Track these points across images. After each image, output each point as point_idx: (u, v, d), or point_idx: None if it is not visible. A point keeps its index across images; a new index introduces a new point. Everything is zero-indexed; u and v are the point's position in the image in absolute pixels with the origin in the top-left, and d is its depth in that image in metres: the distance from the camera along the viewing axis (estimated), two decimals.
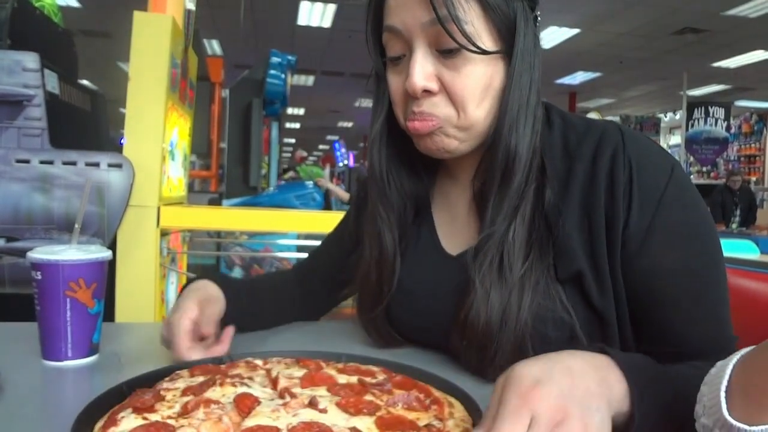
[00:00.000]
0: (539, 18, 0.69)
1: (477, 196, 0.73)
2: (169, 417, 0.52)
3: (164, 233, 2.05)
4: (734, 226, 6.56)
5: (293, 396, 0.54)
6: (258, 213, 2.33)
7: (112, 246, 1.78)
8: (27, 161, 1.74)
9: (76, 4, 7.17)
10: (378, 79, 0.75)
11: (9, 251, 1.70)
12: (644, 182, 0.64)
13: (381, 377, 0.61)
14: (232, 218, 2.19)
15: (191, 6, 2.17)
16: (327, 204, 4.74)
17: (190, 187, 4.14)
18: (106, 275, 0.77)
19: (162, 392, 0.57)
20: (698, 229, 0.65)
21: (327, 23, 7.80)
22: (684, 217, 0.64)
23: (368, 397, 0.55)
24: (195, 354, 0.69)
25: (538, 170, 0.68)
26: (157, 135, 1.89)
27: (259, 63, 4.87)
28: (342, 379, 0.60)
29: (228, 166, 4.79)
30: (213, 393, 0.56)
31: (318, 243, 1.01)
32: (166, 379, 0.61)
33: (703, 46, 8.16)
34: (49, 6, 2.34)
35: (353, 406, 0.52)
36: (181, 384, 0.59)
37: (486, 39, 0.64)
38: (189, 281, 0.84)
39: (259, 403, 0.53)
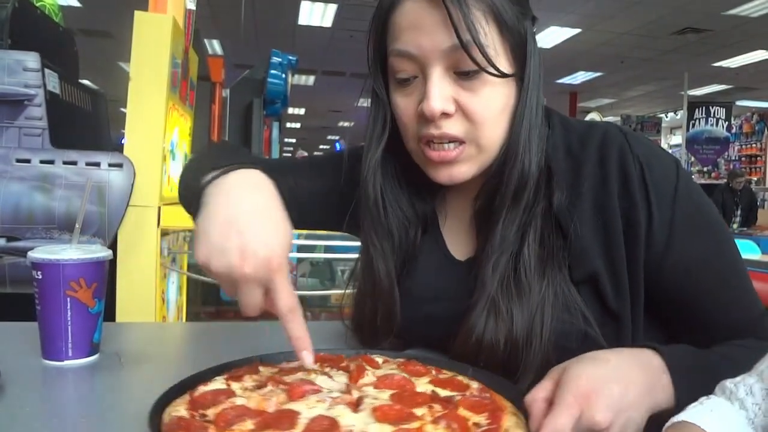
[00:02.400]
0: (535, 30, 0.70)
1: (479, 214, 0.72)
2: (245, 388, 0.57)
3: (165, 233, 2.05)
4: (735, 226, 6.56)
5: (349, 393, 0.56)
6: None
7: (113, 246, 1.78)
8: (27, 161, 1.74)
9: (76, 4, 7.17)
10: (377, 102, 0.72)
11: (10, 251, 1.70)
12: (656, 179, 0.65)
13: (473, 392, 0.58)
14: None
15: (192, 5, 2.17)
16: None
17: None
18: (106, 275, 0.77)
19: (261, 368, 0.62)
20: (710, 216, 0.68)
21: (328, 23, 7.80)
22: (697, 207, 0.66)
23: (421, 410, 0.53)
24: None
25: (546, 178, 0.68)
26: (157, 135, 1.89)
27: (259, 63, 4.87)
28: (423, 387, 0.59)
29: None
30: (292, 377, 0.59)
31: (318, 243, 1.00)
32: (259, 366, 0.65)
33: (704, 46, 8.16)
34: (50, 5, 2.34)
35: (389, 415, 0.51)
36: (293, 365, 0.63)
37: (503, 61, 0.64)
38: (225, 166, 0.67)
39: (317, 392, 0.56)
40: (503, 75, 0.64)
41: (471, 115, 0.65)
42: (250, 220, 0.58)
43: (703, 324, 0.67)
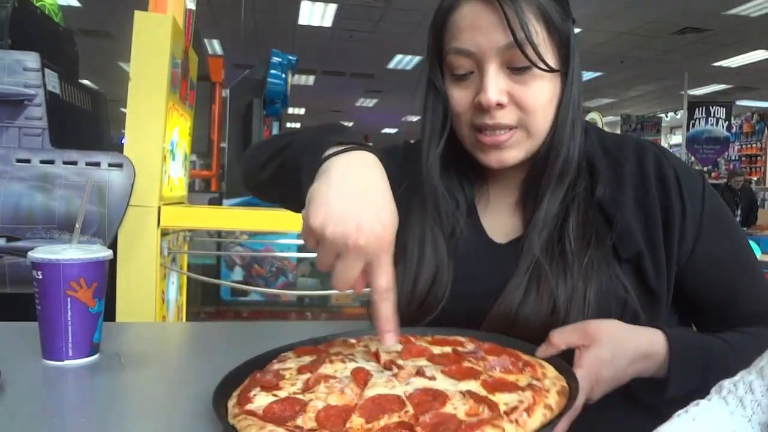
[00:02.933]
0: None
1: (523, 197, 0.79)
2: (295, 393, 0.56)
3: (165, 233, 2.06)
4: None
5: (400, 368, 0.58)
6: (258, 213, 2.33)
7: (113, 246, 1.78)
8: (28, 161, 1.74)
9: (76, 4, 7.17)
10: (435, 95, 0.78)
11: (10, 251, 1.70)
12: (687, 183, 0.75)
13: (470, 346, 0.65)
14: (233, 218, 2.19)
15: (192, 5, 2.17)
16: None
17: (191, 187, 4.14)
18: (106, 275, 0.77)
19: (281, 371, 0.61)
20: (730, 218, 0.79)
21: (328, 23, 7.80)
22: (720, 210, 0.77)
23: (467, 364, 0.58)
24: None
25: (587, 171, 0.76)
26: (157, 135, 1.89)
27: (259, 63, 4.87)
28: (436, 350, 0.64)
29: (228, 166, 4.79)
30: (326, 369, 0.60)
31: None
32: (275, 361, 0.65)
33: (704, 46, 8.16)
34: (50, 5, 2.34)
35: (457, 373, 0.56)
36: (292, 364, 0.63)
37: (550, 57, 0.71)
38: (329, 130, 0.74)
39: (371, 375, 0.57)
40: (552, 70, 0.71)
41: (523, 106, 0.72)
42: (372, 197, 0.61)
43: (722, 314, 0.76)
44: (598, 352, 0.60)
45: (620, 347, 0.62)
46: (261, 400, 0.55)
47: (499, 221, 0.82)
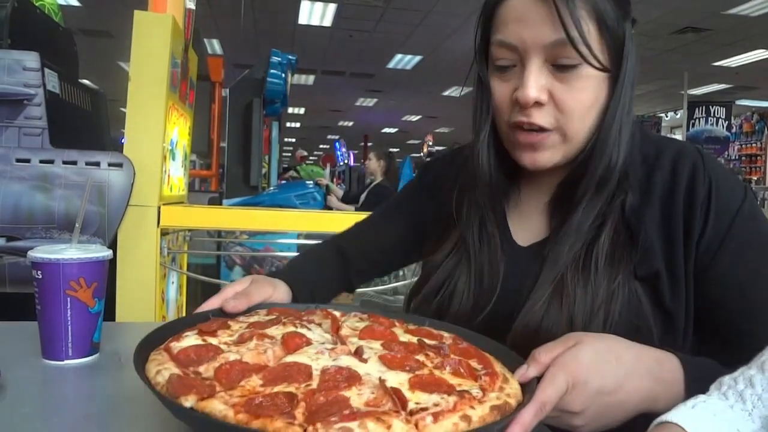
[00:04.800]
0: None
1: (555, 201, 0.76)
2: (225, 343, 0.57)
3: (164, 233, 2.06)
4: None
5: (344, 343, 0.57)
6: (258, 212, 2.33)
7: (113, 245, 1.78)
8: (27, 161, 1.74)
9: (76, 3, 7.17)
10: (481, 84, 0.76)
11: (9, 251, 1.70)
12: (722, 199, 0.68)
13: (447, 342, 0.62)
14: (233, 218, 2.19)
15: (191, 5, 2.17)
16: (327, 205, 4.74)
17: (191, 187, 4.14)
18: (106, 274, 0.77)
19: (231, 322, 0.63)
20: (765, 240, 0.70)
21: (327, 22, 7.80)
22: (756, 233, 0.69)
23: (419, 357, 0.55)
24: (238, 304, 0.69)
25: (622, 181, 0.72)
26: (157, 134, 1.89)
27: (259, 62, 4.86)
28: (403, 337, 0.62)
29: (228, 166, 4.79)
30: (272, 330, 0.60)
31: (319, 242, 1.01)
32: (250, 313, 0.68)
33: (704, 45, 8.16)
34: (50, 5, 2.34)
35: (397, 362, 0.53)
36: (253, 318, 0.65)
37: (600, 56, 0.67)
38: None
39: (308, 344, 0.57)
40: (603, 68, 0.67)
41: (561, 107, 0.68)
42: None
43: (735, 341, 0.69)
44: (576, 352, 0.54)
45: (608, 352, 0.55)
46: (188, 341, 0.57)
47: (526, 223, 0.80)
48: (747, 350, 0.65)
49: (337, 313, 0.69)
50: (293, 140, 21.54)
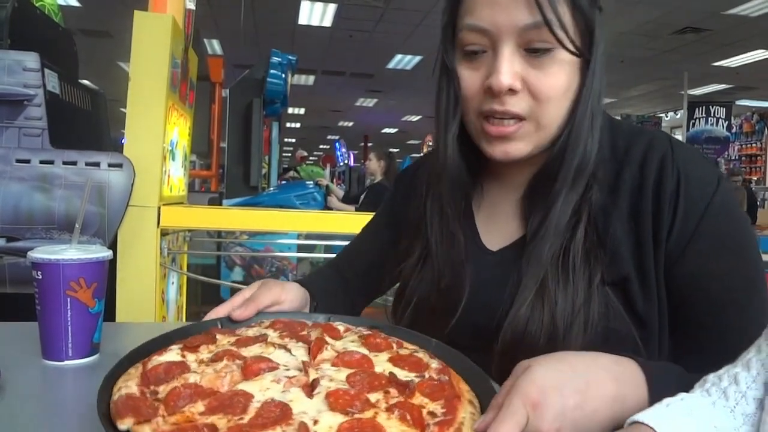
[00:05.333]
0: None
1: (528, 197, 0.73)
2: (200, 361, 0.57)
3: (164, 233, 2.06)
4: None
5: (306, 372, 0.55)
6: (258, 213, 2.33)
7: (113, 246, 1.78)
8: (27, 161, 1.74)
9: (76, 4, 7.17)
10: (447, 74, 0.72)
11: (9, 251, 1.70)
12: (691, 191, 0.65)
13: (432, 373, 0.57)
14: (233, 218, 2.19)
15: (191, 5, 2.17)
16: (327, 205, 4.75)
17: (191, 187, 4.14)
18: (106, 275, 0.77)
19: (219, 336, 0.63)
20: (741, 240, 0.66)
21: (327, 23, 7.80)
22: (727, 228, 0.65)
23: (377, 395, 0.51)
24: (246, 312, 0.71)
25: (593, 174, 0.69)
26: (157, 135, 1.89)
27: (259, 63, 4.87)
28: (380, 367, 0.58)
29: (228, 166, 4.79)
30: (248, 350, 0.60)
31: (318, 243, 1.02)
32: (252, 323, 0.68)
33: (704, 46, 8.16)
34: (50, 5, 2.34)
35: (343, 401, 0.49)
36: (249, 332, 0.65)
37: (575, 41, 0.66)
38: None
39: (272, 369, 0.55)
40: (578, 52, 0.65)
41: (536, 93, 0.66)
42: None
43: (703, 343, 0.65)
44: (529, 375, 0.48)
45: (561, 363, 0.50)
46: (169, 356, 0.58)
47: (495, 227, 0.77)
48: (715, 353, 0.61)
49: (341, 328, 0.67)
50: (293, 140, 21.54)
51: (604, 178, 0.69)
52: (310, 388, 0.52)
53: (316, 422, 0.46)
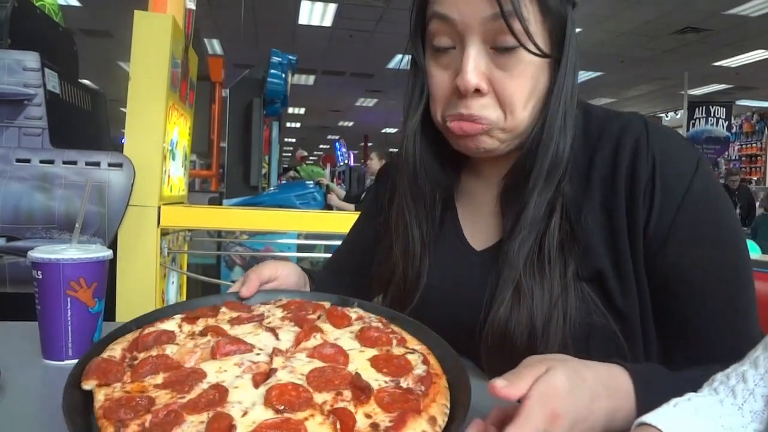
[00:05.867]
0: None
1: (504, 194, 0.72)
2: (191, 333, 0.60)
3: (165, 233, 2.05)
4: None
5: (273, 357, 0.55)
6: (258, 212, 2.33)
7: (113, 245, 1.78)
8: (27, 161, 1.74)
9: (76, 3, 7.17)
10: (416, 68, 0.72)
11: (10, 251, 1.70)
12: (667, 179, 0.63)
13: (410, 381, 0.53)
14: (233, 218, 2.19)
15: (192, 5, 2.17)
16: (327, 205, 4.75)
17: (191, 187, 4.14)
18: (106, 274, 0.77)
19: (225, 310, 0.66)
20: (723, 225, 0.63)
21: (328, 22, 7.80)
22: (708, 214, 0.63)
23: (326, 396, 0.49)
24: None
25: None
26: (157, 134, 1.89)
27: (259, 62, 4.87)
28: (355, 365, 0.55)
29: (228, 166, 4.79)
30: (241, 328, 0.62)
31: (318, 243, 1.02)
32: (271, 300, 0.70)
33: (704, 46, 8.16)
34: (50, 5, 2.34)
35: (283, 397, 0.48)
36: (261, 309, 0.67)
37: (540, 41, 0.64)
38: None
39: (246, 351, 0.56)
40: (543, 54, 0.63)
41: (502, 96, 0.65)
42: None
43: (690, 336, 0.64)
44: (552, 380, 0.47)
45: (577, 375, 0.49)
46: (168, 325, 0.62)
47: (478, 225, 0.77)
48: (703, 343, 0.62)
49: (354, 316, 0.67)
50: (293, 140, 21.53)
51: (577, 166, 0.67)
52: (264, 377, 0.52)
53: (244, 414, 0.46)
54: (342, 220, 2.14)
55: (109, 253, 0.76)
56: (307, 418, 0.46)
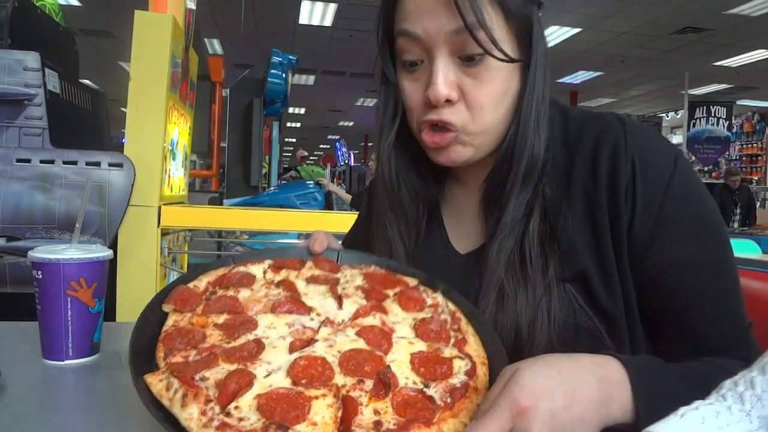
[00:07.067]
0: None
1: (486, 198, 0.72)
2: (270, 281, 0.64)
3: (165, 233, 2.06)
4: (735, 225, 6.55)
5: (315, 331, 0.57)
6: (259, 212, 2.33)
7: (113, 245, 1.78)
8: (28, 161, 1.74)
9: (77, 3, 7.17)
10: (387, 84, 0.73)
11: (10, 251, 1.70)
12: (648, 178, 0.63)
13: (454, 381, 0.53)
14: (233, 218, 2.20)
15: (192, 5, 2.17)
16: (328, 204, 4.75)
17: (191, 187, 4.15)
18: (106, 274, 0.77)
19: (310, 264, 0.68)
20: (706, 221, 0.64)
21: (328, 22, 7.80)
22: (691, 210, 0.63)
23: (345, 380, 0.50)
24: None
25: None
26: (158, 134, 1.89)
27: (259, 62, 4.87)
28: (397, 355, 0.55)
29: (229, 166, 4.79)
30: (314, 288, 0.64)
31: None
32: (361, 264, 0.71)
33: (705, 45, 8.16)
34: (50, 5, 2.34)
35: (301, 372, 0.49)
36: (346, 273, 0.68)
37: (508, 46, 0.64)
38: None
39: (296, 313, 0.58)
40: (509, 59, 0.63)
41: (472, 103, 0.65)
42: None
43: (680, 332, 0.64)
44: (516, 378, 0.47)
45: (547, 366, 0.49)
46: (255, 269, 0.66)
47: (463, 229, 0.77)
48: (692, 341, 0.63)
49: (429, 301, 0.65)
50: (293, 140, 21.54)
51: (556, 168, 0.68)
52: (303, 344, 0.53)
53: (267, 375, 0.49)
54: (342, 220, 2.14)
55: (109, 253, 0.76)
56: (318, 397, 0.47)
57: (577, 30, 7.71)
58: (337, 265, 0.70)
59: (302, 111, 15.05)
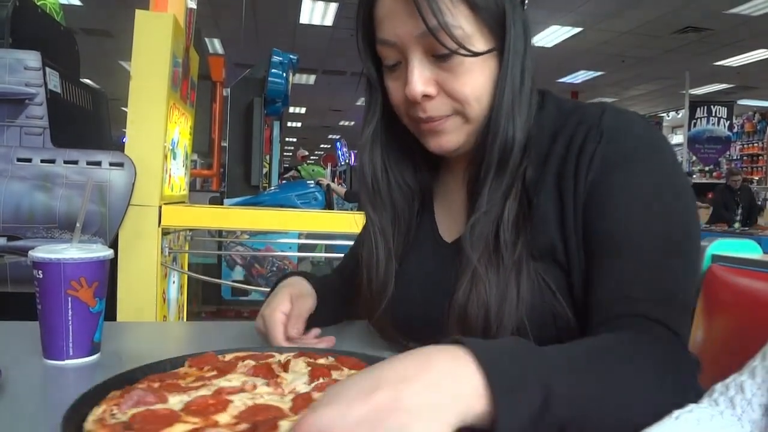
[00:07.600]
0: (527, 2, 0.71)
1: (470, 184, 0.74)
2: (204, 377, 0.60)
3: (165, 232, 2.06)
4: (737, 225, 6.55)
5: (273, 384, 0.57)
6: (259, 212, 2.33)
7: (114, 245, 1.78)
8: (28, 160, 1.74)
9: (77, 3, 7.17)
10: (370, 86, 0.76)
11: (10, 250, 1.70)
12: (610, 147, 0.64)
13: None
14: (234, 217, 2.19)
15: (193, 4, 2.17)
16: (329, 203, 4.75)
17: (192, 186, 4.14)
18: (107, 274, 0.77)
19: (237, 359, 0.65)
20: (665, 193, 0.63)
21: (329, 22, 7.80)
22: (650, 179, 0.63)
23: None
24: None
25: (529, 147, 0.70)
26: (158, 134, 1.89)
27: (260, 62, 4.87)
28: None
29: (229, 165, 4.79)
30: (235, 379, 0.61)
31: (319, 242, 1.02)
32: (291, 354, 0.67)
33: (706, 45, 8.15)
34: (51, 4, 2.34)
35: (200, 406, 0.52)
36: (278, 358, 0.66)
37: (477, 39, 0.66)
38: (282, 276, 0.89)
39: (236, 393, 0.55)
40: (475, 54, 0.65)
41: (453, 96, 0.67)
42: None
43: (609, 289, 0.61)
44: (301, 418, 0.42)
45: (353, 377, 0.44)
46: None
47: (452, 218, 0.79)
48: (622, 302, 0.59)
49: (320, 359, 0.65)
50: (294, 140, 21.53)
51: (537, 155, 0.69)
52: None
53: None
54: (342, 220, 2.14)
55: (110, 252, 0.76)
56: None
57: (577, 30, 7.70)
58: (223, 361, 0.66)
59: (303, 110, 15.05)
